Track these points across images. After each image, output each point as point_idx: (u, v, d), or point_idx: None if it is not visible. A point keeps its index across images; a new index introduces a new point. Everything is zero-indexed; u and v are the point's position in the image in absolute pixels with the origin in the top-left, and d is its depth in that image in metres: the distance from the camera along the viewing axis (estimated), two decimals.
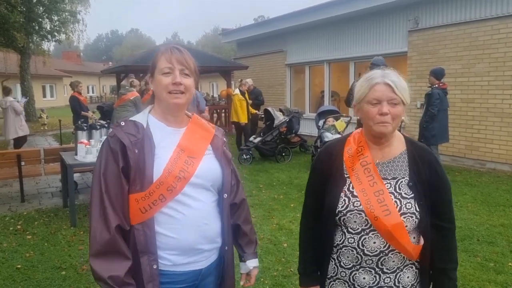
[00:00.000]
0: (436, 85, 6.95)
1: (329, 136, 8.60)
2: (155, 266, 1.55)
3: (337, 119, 9.42)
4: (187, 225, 1.59)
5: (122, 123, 1.61)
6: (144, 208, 1.54)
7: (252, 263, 1.90)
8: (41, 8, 20.37)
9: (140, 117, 1.65)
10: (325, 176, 1.69)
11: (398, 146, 1.66)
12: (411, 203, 1.57)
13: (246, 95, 10.51)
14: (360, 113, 1.64)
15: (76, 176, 7.14)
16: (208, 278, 1.73)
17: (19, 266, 4.22)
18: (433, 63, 9.13)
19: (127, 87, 9.58)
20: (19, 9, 18.91)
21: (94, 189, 1.55)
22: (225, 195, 1.74)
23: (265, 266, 4.08)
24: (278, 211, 5.86)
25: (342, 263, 1.65)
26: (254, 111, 10.59)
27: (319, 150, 1.80)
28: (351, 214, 1.58)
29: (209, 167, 1.67)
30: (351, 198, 1.59)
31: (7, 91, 10.90)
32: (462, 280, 3.74)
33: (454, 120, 8.88)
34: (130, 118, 1.65)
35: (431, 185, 1.61)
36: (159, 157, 1.57)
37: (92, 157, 5.52)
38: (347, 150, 1.67)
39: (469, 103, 8.91)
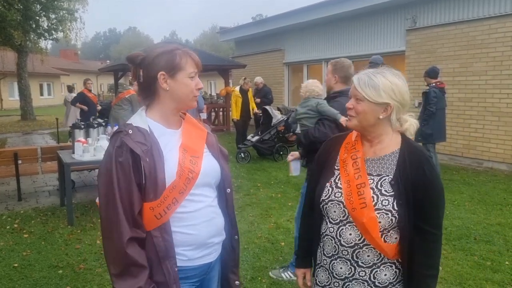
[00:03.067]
0: (433, 84, 6.98)
1: None
2: (176, 269, 1.58)
3: None
4: (200, 220, 1.64)
5: (130, 131, 1.56)
6: (159, 214, 1.55)
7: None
8: (38, 6, 20.30)
9: (139, 121, 1.61)
10: (320, 167, 1.81)
11: (391, 144, 1.67)
12: (388, 200, 1.58)
13: (250, 93, 10.55)
14: None
15: (73, 174, 7.12)
16: (213, 272, 1.78)
17: (16, 265, 4.21)
18: (431, 62, 9.14)
19: (124, 85, 9.57)
20: (16, 7, 18.82)
21: (106, 202, 1.52)
22: (228, 190, 1.82)
23: (263, 265, 4.08)
24: (276, 210, 5.86)
25: (325, 252, 1.75)
26: (257, 110, 10.63)
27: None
28: (331, 204, 1.67)
29: (210, 165, 1.72)
30: (334, 188, 1.69)
31: (71, 89, 12.85)
32: (459, 279, 3.75)
33: (452, 119, 8.89)
34: (132, 123, 1.60)
35: (416, 184, 1.58)
36: (167, 162, 1.57)
37: (89, 156, 5.51)
38: (345, 144, 1.77)
39: (467, 102, 8.92)
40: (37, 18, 20.55)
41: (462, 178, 7.63)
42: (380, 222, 1.57)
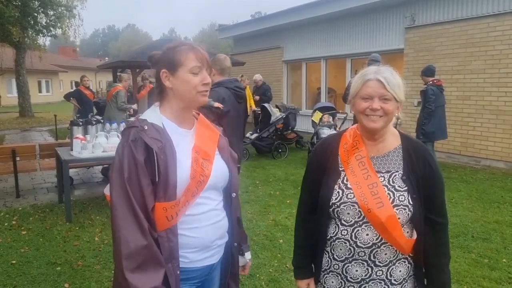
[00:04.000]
0: (431, 82, 6.99)
1: (326, 133, 8.61)
2: (178, 272, 1.55)
3: (333, 116, 9.44)
4: (205, 223, 1.62)
5: (146, 127, 1.54)
6: (171, 216, 1.53)
7: (248, 256, 1.96)
8: (36, 2, 20.20)
9: (154, 118, 1.59)
10: (320, 170, 1.73)
11: (392, 141, 1.69)
12: (404, 195, 1.60)
13: (247, 91, 10.60)
14: (354, 108, 1.68)
15: (71, 171, 7.11)
16: (214, 273, 1.77)
17: (14, 262, 4.21)
18: (429, 60, 9.15)
19: (112, 84, 9.60)
20: (15, 3, 18.74)
21: (119, 196, 1.47)
22: (234, 194, 1.79)
23: (261, 262, 4.09)
24: (274, 207, 5.87)
25: (335, 256, 1.69)
26: (256, 108, 10.67)
27: (315, 145, 1.84)
28: (344, 206, 1.62)
29: (219, 168, 1.70)
30: (345, 190, 1.63)
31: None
32: (456, 276, 3.76)
33: (450, 117, 8.89)
34: (147, 119, 1.58)
35: (424, 179, 1.63)
36: (180, 162, 1.55)
37: (87, 153, 5.50)
38: (343, 145, 1.71)
39: (465, 100, 8.94)
40: (35, 14, 20.46)
41: (460, 176, 7.65)
42: (399, 218, 1.58)
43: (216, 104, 3.70)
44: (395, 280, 1.66)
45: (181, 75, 1.58)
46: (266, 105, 10.08)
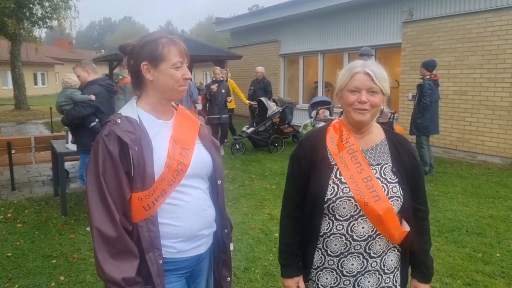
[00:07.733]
0: (428, 76, 6.99)
1: None
2: (160, 261, 1.56)
3: (330, 110, 9.44)
4: (189, 212, 1.63)
5: (118, 120, 1.56)
6: (148, 205, 1.54)
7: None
8: None
9: (130, 112, 1.61)
10: (308, 165, 1.72)
11: (377, 134, 1.73)
12: (396, 187, 1.64)
13: (231, 83, 10.77)
14: (341, 101, 1.70)
15: (67, 164, 7.09)
16: (203, 263, 1.77)
17: (9, 254, 4.21)
18: (427, 55, 9.14)
19: (120, 76, 9.58)
20: None
21: (93, 190, 1.50)
22: (219, 181, 1.79)
23: (256, 256, 4.10)
24: (270, 201, 5.88)
25: (329, 252, 1.68)
26: (247, 101, 10.69)
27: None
28: (340, 201, 1.61)
29: (201, 156, 1.70)
30: (340, 185, 1.62)
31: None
32: (450, 271, 3.78)
33: (447, 112, 8.92)
34: (121, 113, 1.61)
35: (410, 170, 1.70)
36: (156, 152, 1.57)
37: None
38: (329, 139, 1.71)
39: (462, 95, 8.95)
40: (31, 6, 20.30)
41: (456, 171, 7.68)
42: (393, 209, 1.61)
43: (92, 97, 4.80)
44: (387, 269, 1.69)
45: (164, 69, 1.59)
46: (262, 99, 10.06)
